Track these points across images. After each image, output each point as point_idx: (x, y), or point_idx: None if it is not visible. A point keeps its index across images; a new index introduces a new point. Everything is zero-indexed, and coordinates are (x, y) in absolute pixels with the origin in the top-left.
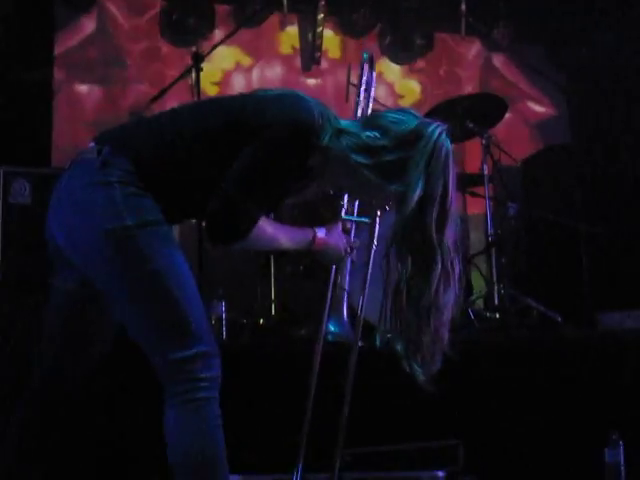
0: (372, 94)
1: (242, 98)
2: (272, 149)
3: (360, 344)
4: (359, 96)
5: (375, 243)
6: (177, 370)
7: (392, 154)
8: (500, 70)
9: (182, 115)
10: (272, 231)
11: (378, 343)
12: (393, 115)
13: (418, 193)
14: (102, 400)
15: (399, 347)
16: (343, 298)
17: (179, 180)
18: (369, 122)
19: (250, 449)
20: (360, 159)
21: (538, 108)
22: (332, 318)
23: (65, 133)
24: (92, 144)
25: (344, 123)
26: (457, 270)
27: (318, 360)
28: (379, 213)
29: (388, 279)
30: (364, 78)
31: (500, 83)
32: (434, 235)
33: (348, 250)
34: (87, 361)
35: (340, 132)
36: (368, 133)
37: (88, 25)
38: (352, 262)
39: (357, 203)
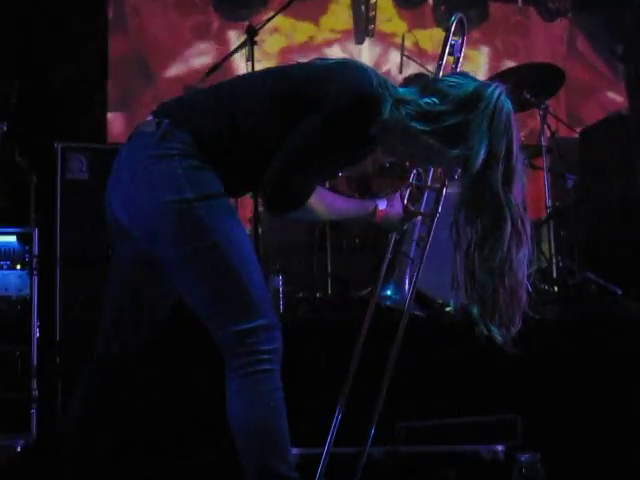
0: (460, 62)
1: (300, 67)
2: (332, 118)
3: (419, 313)
4: (441, 60)
5: (439, 212)
6: (239, 343)
7: (453, 118)
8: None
9: (240, 86)
10: (331, 200)
11: (452, 309)
12: (450, 79)
13: (483, 154)
14: (160, 369)
15: (475, 310)
16: (406, 265)
17: (239, 152)
18: (426, 88)
19: (307, 422)
20: (421, 126)
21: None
22: (392, 284)
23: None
24: (150, 117)
25: (402, 91)
26: (528, 229)
27: (367, 325)
28: (447, 182)
29: (458, 243)
30: (450, 42)
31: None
32: (502, 194)
33: (410, 214)
34: (147, 331)
35: (399, 101)
36: (427, 100)
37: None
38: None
39: (430, 170)
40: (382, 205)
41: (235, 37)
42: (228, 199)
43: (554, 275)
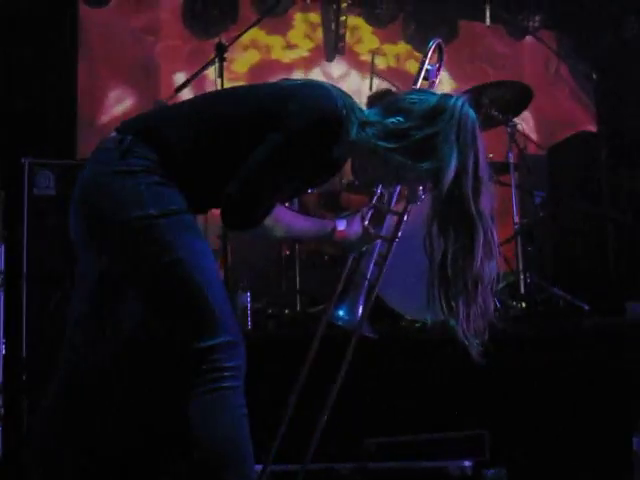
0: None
1: (266, 87)
2: (293, 137)
3: (370, 335)
4: (415, 84)
5: (398, 236)
6: (201, 359)
7: (419, 132)
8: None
9: (206, 104)
10: (289, 219)
11: (429, 321)
12: (411, 96)
13: (453, 165)
14: (123, 389)
15: (452, 322)
16: (362, 286)
17: (202, 169)
18: (389, 108)
19: (273, 439)
20: (389, 144)
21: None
22: (346, 304)
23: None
24: (114, 133)
25: (367, 113)
26: (496, 239)
27: (316, 346)
28: (409, 207)
29: (432, 255)
30: (426, 67)
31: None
32: (472, 204)
33: (369, 237)
34: (109, 347)
35: (365, 124)
36: (391, 119)
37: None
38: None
39: (395, 192)
40: (341, 226)
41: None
42: (191, 215)
43: (522, 291)
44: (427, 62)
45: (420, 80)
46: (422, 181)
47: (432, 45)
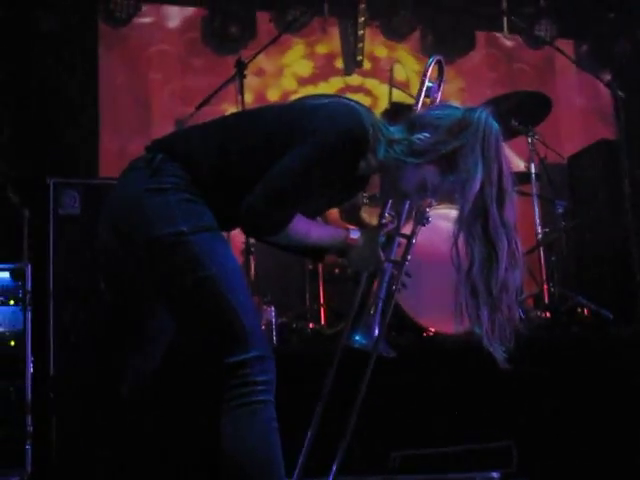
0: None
1: (293, 105)
2: (319, 150)
3: (388, 354)
4: (417, 105)
5: (409, 258)
6: (233, 374)
7: (446, 147)
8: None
9: (232, 123)
10: (306, 227)
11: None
12: (436, 112)
13: (479, 177)
14: (153, 403)
15: (478, 329)
16: (377, 306)
17: (231, 186)
18: (414, 124)
19: (298, 453)
20: (417, 160)
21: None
22: (361, 326)
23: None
24: (144, 152)
25: (393, 130)
26: (520, 248)
27: (335, 366)
28: (417, 230)
29: (459, 265)
30: (427, 84)
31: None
32: (497, 215)
33: (379, 260)
34: (141, 364)
35: (392, 141)
36: (419, 136)
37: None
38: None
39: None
40: (354, 235)
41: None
42: (220, 232)
43: (546, 301)
44: (427, 79)
45: (422, 98)
46: (449, 194)
47: (431, 62)
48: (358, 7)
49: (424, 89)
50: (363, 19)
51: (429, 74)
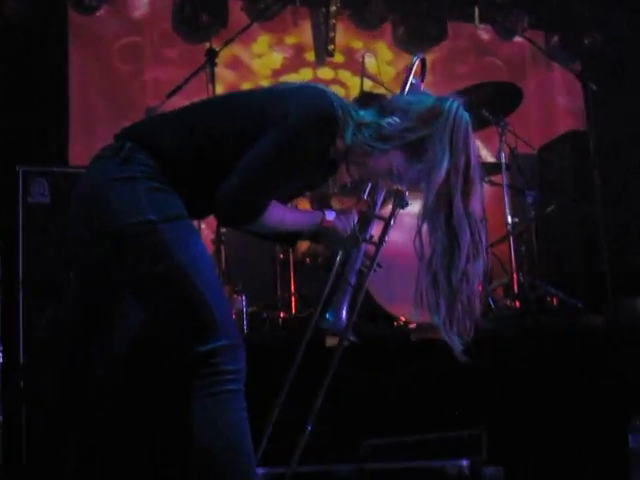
0: None
1: (262, 90)
2: (289, 134)
3: (353, 339)
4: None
5: (386, 239)
6: (202, 363)
7: (414, 133)
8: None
9: (202, 109)
10: (281, 213)
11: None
12: (407, 98)
13: (445, 166)
14: (121, 395)
15: (436, 319)
16: (347, 291)
17: (201, 172)
18: (386, 108)
19: (270, 441)
20: (384, 146)
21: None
22: (331, 309)
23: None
24: (113, 141)
25: (362, 114)
26: (484, 240)
27: (302, 350)
28: (395, 213)
29: (422, 254)
30: (411, 81)
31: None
32: (462, 206)
33: (356, 239)
34: (106, 352)
35: (361, 125)
36: (388, 120)
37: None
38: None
39: (380, 197)
40: (330, 216)
41: None
42: (190, 220)
43: (515, 290)
44: (412, 76)
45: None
46: (414, 181)
47: (416, 60)
48: None
49: (408, 86)
50: (335, 8)
51: (413, 71)
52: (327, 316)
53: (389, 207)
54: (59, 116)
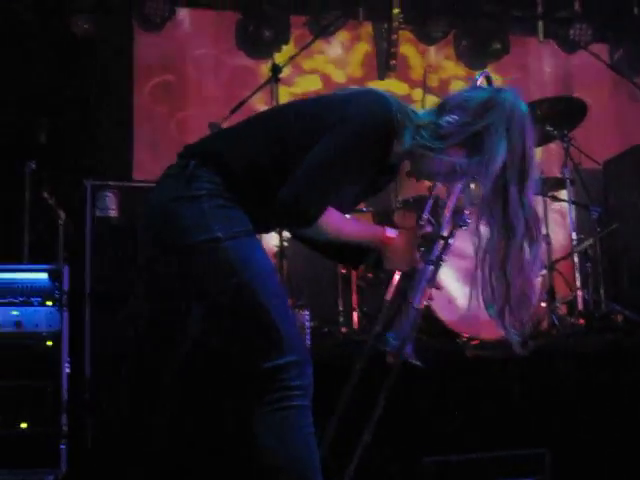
0: None
1: (320, 98)
2: (348, 139)
3: (417, 363)
4: None
5: (444, 259)
6: (270, 379)
7: (472, 127)
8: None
9: (263, 123)
10: (341, 221)
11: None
12: (464, 94)
13: (501, 157)
14: (186, 406)
15: (492, 312)
16: (409, 311)
17: (265, 186)
18: (443, 107)
19: (329, 457)
20: (445, 145)
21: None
22: (392, 330)
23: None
24: (178, 159)
25: (421, 115)
26: (540, 229)
27: (360, 367)
28: (455, 231)
29: (479, 246)
30: None
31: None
32: (517, 197)
33: (418, 260)
34: (172, 363)
35: (420, 127)
36: (446, 118)
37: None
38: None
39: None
40: (391, 233)
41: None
42: (255, 236)
43: (580, 307)
44: None
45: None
46: (474, 174)
47: (480, 76)
48: (392, 11)
49: None
50: (396, 24)
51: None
52: (389, 338)
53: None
54: (124, 131)
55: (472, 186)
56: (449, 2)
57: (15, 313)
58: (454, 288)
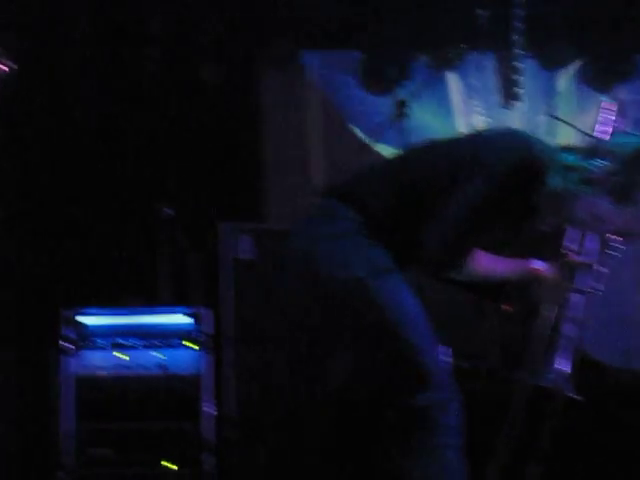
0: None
1: (464, 138)
2: (493, 183)
3: (575, 396)
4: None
5: (599, 288)
6: (417, 417)
7: (622, 177)
8: None
9: (404, 160)
10: (486, 260)
11: None
12: (614, 139)
13: None
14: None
15: None
16: (562, 342)
17: (405, 223)
18: (592, 151)
19: None
20: (592, 190)
21: None
22: (545, 363)
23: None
24: (319, 198)
25: (570, 158)
26: None
27: (517, 405)
28: (602, 260)
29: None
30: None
31: None
32: None
33: (568, 290)
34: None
35: (567, 168)
36: (594, 163)
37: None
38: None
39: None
40: (538, 265)
41: None
42: (399, 272)
43: None
44: (609, 118)
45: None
46: (624, 227)
47: (610, 101)
48: (513, 39)
49: (608, 128)
50: (519, 51)
51: (610, 113)
52: (546, 372)
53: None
54: (256, 173)
55: None
56: (573, 26)
57: (158, 355)
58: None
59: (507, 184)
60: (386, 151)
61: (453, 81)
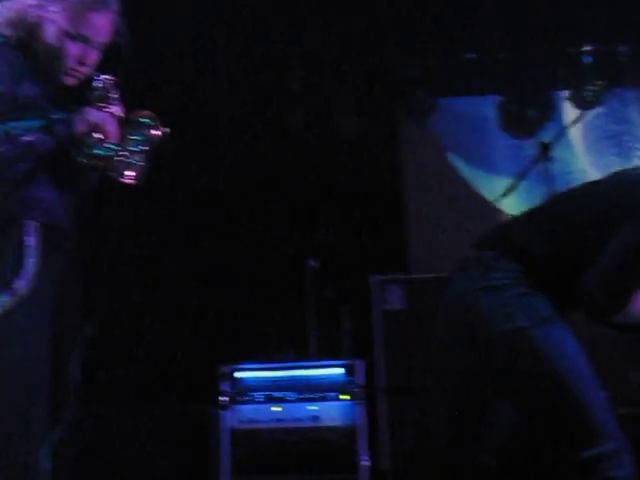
0: None
1: (607, 181)
2: None
3: None
4: None
5: None
6: (588, 469)
7: None
8: None
9: (556, 205)
10: None
11: None
12: None
13: None
14: None
15: None
16: None
17: (564, 269)
18: None
19: None
20: None
21: None
22: None
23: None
24: (473, 251)
25: None
26: None
27: None
28: None
29: None
30: None
31: None
32: None
33: None
34: (475, 460)
35: None
36: None
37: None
38: None
39: None
40: None
41: None
42: (562, 321)
43: None
44: None
45: None
46: None
47: None
48: None
49: None
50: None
51: None
52: None
53: None
54: (398, 225)
55: None
56: None
57: (313, 408)
58: None
59: None
60: (531, 194)
61: (597, 119)
